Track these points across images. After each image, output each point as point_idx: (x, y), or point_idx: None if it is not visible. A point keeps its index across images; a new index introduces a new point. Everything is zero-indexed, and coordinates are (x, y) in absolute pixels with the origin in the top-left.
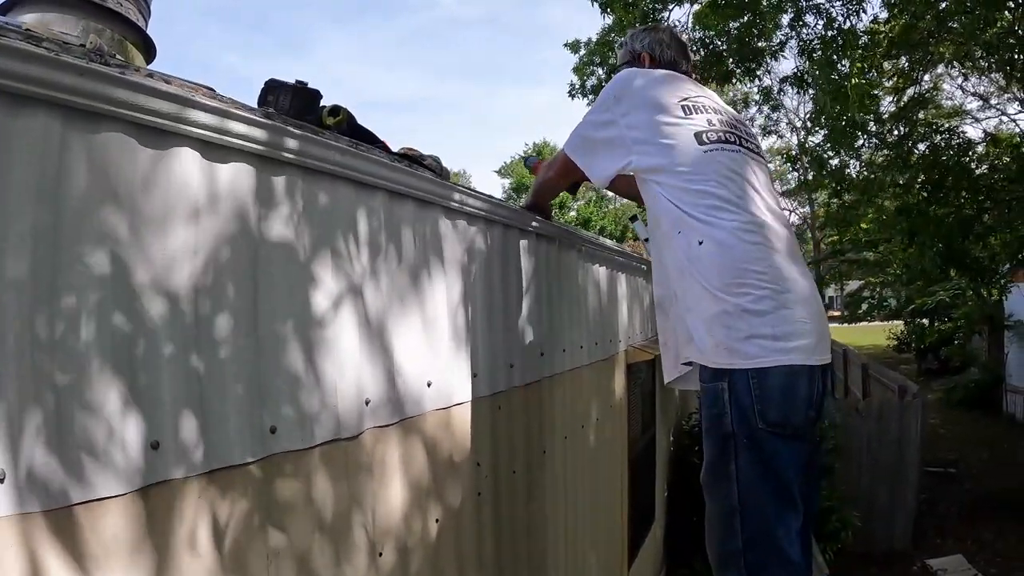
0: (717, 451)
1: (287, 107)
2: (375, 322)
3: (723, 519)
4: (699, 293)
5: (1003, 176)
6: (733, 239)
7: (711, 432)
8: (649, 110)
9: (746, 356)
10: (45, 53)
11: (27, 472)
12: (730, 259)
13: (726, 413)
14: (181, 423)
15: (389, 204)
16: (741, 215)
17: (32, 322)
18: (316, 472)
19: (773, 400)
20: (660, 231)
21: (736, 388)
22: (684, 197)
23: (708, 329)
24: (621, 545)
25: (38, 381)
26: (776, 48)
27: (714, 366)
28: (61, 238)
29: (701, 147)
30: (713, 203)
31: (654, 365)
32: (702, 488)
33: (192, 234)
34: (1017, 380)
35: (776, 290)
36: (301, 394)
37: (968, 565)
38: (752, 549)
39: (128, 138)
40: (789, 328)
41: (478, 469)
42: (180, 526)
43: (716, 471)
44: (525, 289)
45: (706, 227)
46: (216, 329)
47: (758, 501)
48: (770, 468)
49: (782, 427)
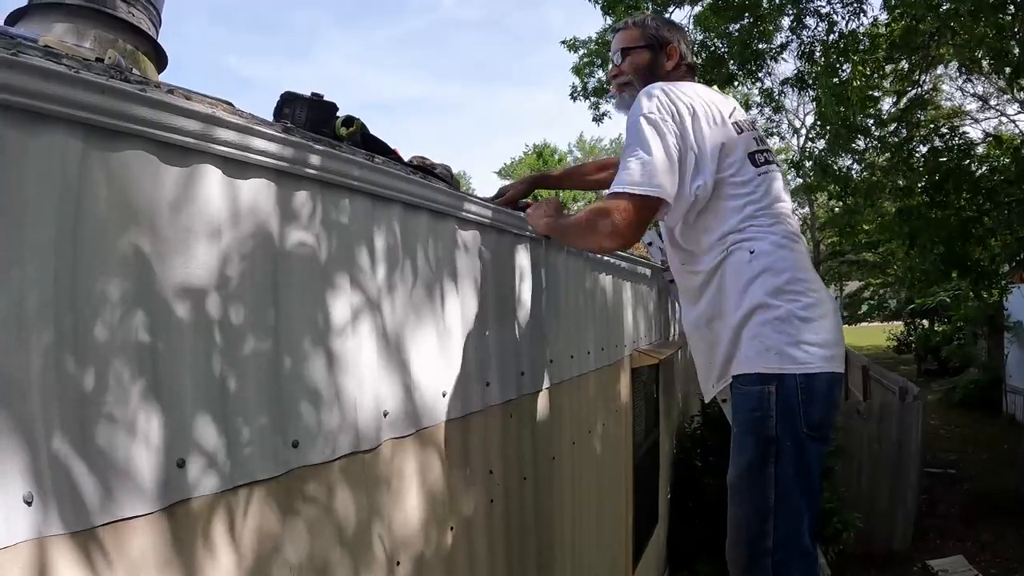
0: (756, 454)
1: (303, 120)
2: (392, 334)
3: (755, 521)
4: (750, 306)
5: (1003, 178)
6: (784, 250)
7: (751, 434)
8: (705, 129)
9: (796, 361)
10: (65, 71)
11: (54, 494)
12: (782, 266)
13: (771, 417)
14: (206, 441)
15: (404, 216)
16: (786, 228)
17: (54, 341)
18: (336, 484)
19: (817, 405)
20: (704, 249)
21: (784, 392)
22: (737, 215)
23: (757, 335)
24: (625, 547)
25: (63, 401)
26: (776, 51)
27: (764, 371)
28: (81, 256)
29: (755, 168)
30: (765, 219)
31: (658, 369)
32: (729, 490)
33: (214, 251)
34: (1017, 380)
35: (819, 299)
36: (322, 408)
37: (969, 566)
38: (781, 549)
39: (150, 156)
40: (829, 337)
41: (491, 477)
42: (205, 544)
43: (752, 474)
44: (535, 297)
45: (759, 239)
46: (238, 345)
47: (793, 502)
48: (807, 470)
49: (820, 431)
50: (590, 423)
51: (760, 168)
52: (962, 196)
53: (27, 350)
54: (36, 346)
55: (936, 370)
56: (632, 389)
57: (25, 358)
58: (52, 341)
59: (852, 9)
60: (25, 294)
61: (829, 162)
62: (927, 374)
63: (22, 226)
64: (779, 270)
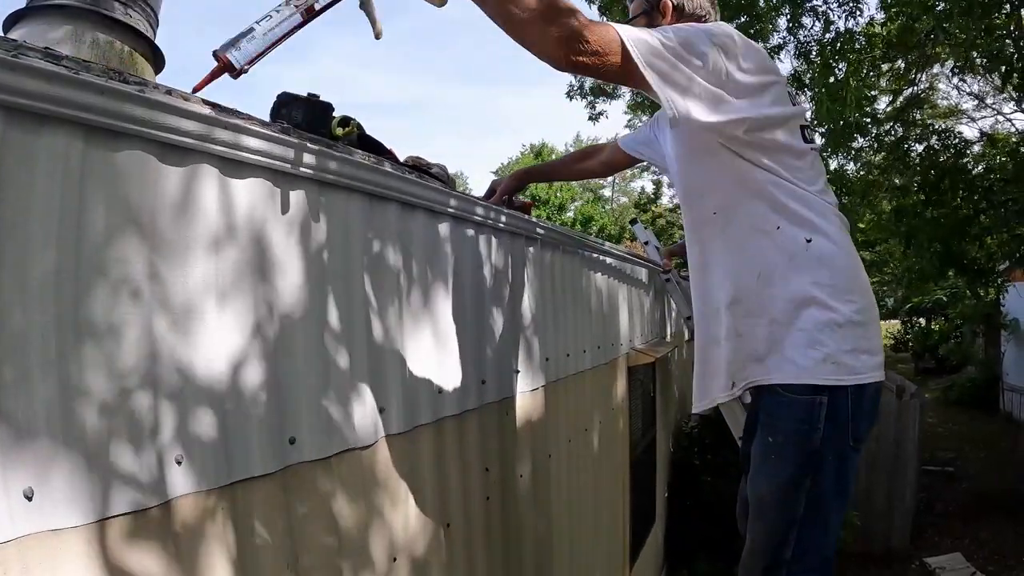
0: (797, 467)
1: (300, 120)
2: (389, 331)
3: (782, 532)
4: (802, 299)
5: (999, 176)
6: (842, 245)
7: (792, 446)
8: (765, 79)
9: (852, 371)
10: (65, 72)
11: (55, 489)
12: (842, 263)
13: (818, 429)
14: (203, 438)
15: (401, 215)
16: (840, 222)
17: (57, 339)
18: (333, 481)
19: (866, 417)
20: (741, 220)
21: (835, 404)
22: (793, 188)
23: (811, 340)
24: (623, 546)
25: (64, 397)
26: (772, 50)
27: (818, 382)
28: (84, 255)
29: (807, 144)
30: (820, 202)
31: (654, 368)
32: (757, 502)
33: (211, 249)
34: (1014, 379)
35: (871, 303)
36: (319, 404)
37: (966, 563)
38: (799, 560)
39: (148, 156)
40: (878, 343)
41: (487, 474)
42: (203, 539)
43: (788, 488)
44: (531, 295)
45: (817, 225)
46: (234, 343)
47: (823, 513)
48: (845, 481)
49: (863, 442)
50: (586, 421)
51: (811, 144)
52: (958, 195)
53: (25, 347)
54: (35, 342)
55: (933, 368)
56: (629, 388)
57: (31, 354)
58: (53, 337)
59: (848, 9)
60: (31, 290)
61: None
62: (924, 372)
63: (28, 224)
64: (836, 268)
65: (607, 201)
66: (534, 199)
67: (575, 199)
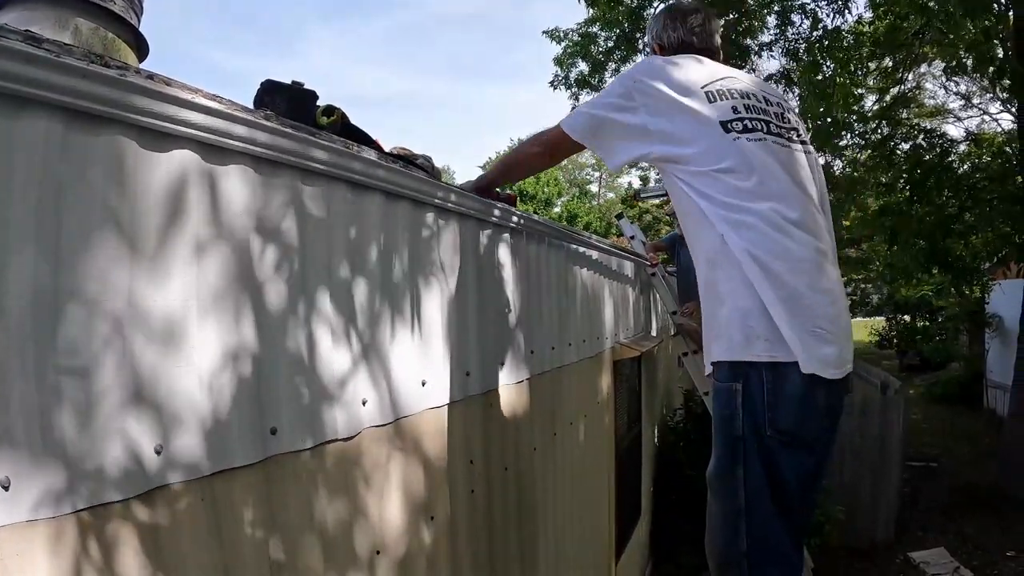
0: (724, 454)
1: (284, 108)
2: (371, 322)
3: (731, 521)
4: (725, 287)
5: (984, 175)
6: (757, 234)
7: (720, 434)
8: (672, 98)
9: (757, 355)
10: (46, 55)
11: (32, 479)
12: (755, 254)
13: (737, 416)
14: (183, 428)
15: (385, 204)
16: (767, 207)
17: (35, 327)
18: (316, 472)
19: (784, 407)
20: (687, 223)
21: (750, 390)
22: (707, 189)
23: (729, 323)
24: (608, 540)
25: (41, 387)
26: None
27: (732, 359)
28: (64, 239)
29: (728, 135)
30: (738, 195)
31: (640, 362)
32: (708, 486)
33: (192, 238)
34: (997, 375)
35: (803, 293)
36: (300, 395)
37: (950, 558)
38: (755, 552)
39: (129, 140)
40: (809, 334)
41: (471, 467)
42: (183, 530)
43: (721, 475)
44: (515, 287)
45: (730, 220)
46: (215, 332)
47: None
48: (781, 474)
49: (790, 436)
50: (572, 415)
51: (733, 135)
52: (944, 193)
53: (4, 335)
54: (14, 331)
55: (918, 365)
56: (614, 382)
57: (8, 345)
58: (31, 325)
59: (836, 7)
60: (8, 278)
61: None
62: (909, 369)
63: (8, 208)
64: (749, 259)
65: (593, 196)
66: (521, 194)
67: (562, 194)
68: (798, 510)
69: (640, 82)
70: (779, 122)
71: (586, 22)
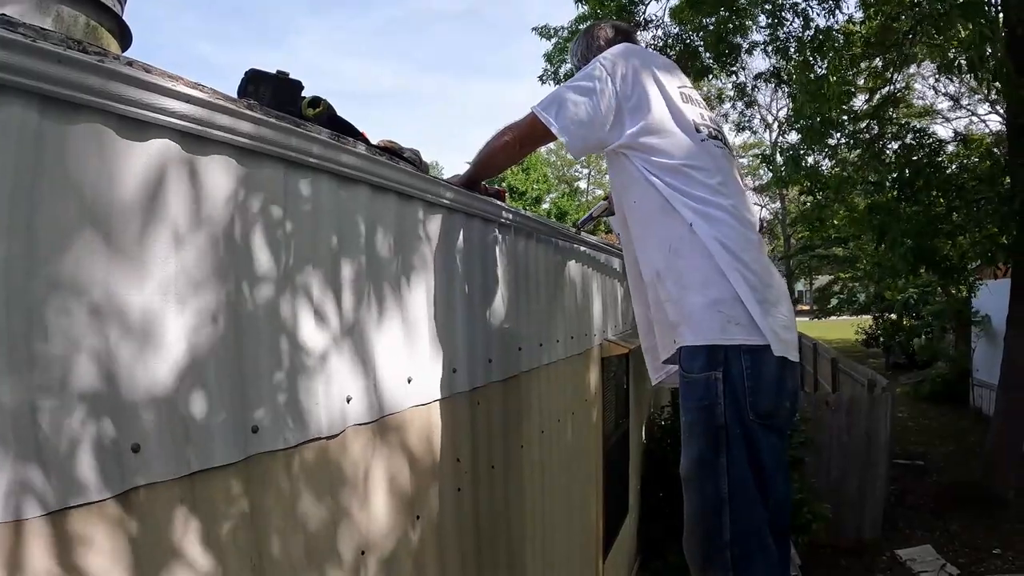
0: (705, 443)
1: (268, 98)
2: (356, 318)
3: (712, 513)
4: (694, 275)
5: (972, 176)
6: (726, 227)
7: (699, 424)
8: (650, 88)
9: (734, 339)
10: (21, 39)
11: (7, 480)
12: (726, 244)
13: (719, 404)
14: (163, 426)
15: (371, 198)
16: (730, 204)
17: (7, 320)
18: (298, 471)
19: (764, 392)
20: (641, 210)
21: (731, 377)
22: (677, 179)
23: (703, 308)
24: (596, 537)
25: (15, 385)
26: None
27: (709, 343)
28: (37, 231)
29: (698, 135)
30: (706, 190)
31: (628, 359)
32: (683, 481)
33: (172, 229)
34: (984, 374)
35: (765, 283)
36: (282, 393)
37: (936, 555)
38: (739, 542)
39: (106, 128)
40: (774, 320)
41: (458, 464)
42: (163, 530)
43: (702, 465)
44: (503, 284)
45: (699, 211)
46: (196, 328)
47: (753, 493)
48: (763, 460)
49: (771, 419)
50: (560, 412)
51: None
52: (932, 193)
53: None
54: None
55: (904, 363)
56: (602, 379)
57: None
58: (3, 321)
59: (827, 7)
60: None
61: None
62: (896, 367)
63: None
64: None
65: (582, 193)
66: (510, 190)
67: (551, 191)
68: (773, 497)
69: (615, 65)
70: (718, 129)
71: (576, 19)
